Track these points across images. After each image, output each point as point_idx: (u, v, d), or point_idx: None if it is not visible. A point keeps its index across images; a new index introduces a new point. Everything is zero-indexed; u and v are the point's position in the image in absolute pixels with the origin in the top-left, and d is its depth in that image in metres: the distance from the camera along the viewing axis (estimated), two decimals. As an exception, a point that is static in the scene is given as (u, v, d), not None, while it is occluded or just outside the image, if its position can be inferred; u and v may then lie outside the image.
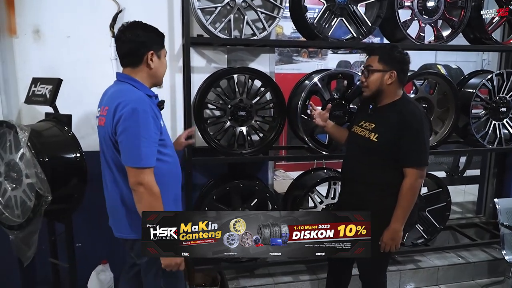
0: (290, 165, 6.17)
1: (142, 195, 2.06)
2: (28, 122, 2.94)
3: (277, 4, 3.09)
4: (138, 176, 2.05)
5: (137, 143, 2.04)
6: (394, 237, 2.58)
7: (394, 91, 2.60)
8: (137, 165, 2.05)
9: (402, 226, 2.57)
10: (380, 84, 2.57)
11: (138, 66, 2.21)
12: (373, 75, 2.58)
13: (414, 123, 2.51)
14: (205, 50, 3.39)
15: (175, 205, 2.31)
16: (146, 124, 2.05)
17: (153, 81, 2.29)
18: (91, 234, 3.31)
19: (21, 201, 2.51)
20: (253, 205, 3.31)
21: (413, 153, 2.52)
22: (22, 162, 2.42)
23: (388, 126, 2.55)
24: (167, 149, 2.24)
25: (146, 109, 2.06)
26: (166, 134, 2.28)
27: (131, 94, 2.12)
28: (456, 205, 5.17)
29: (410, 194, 2.54)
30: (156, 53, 2.22)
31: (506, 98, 3.68)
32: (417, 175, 2.53)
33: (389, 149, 2.54)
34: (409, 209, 2.56)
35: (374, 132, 2.60)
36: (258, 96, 3.23)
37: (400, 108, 2.57)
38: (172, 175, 2.30)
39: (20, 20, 3.06)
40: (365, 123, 2.69)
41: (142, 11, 3.20)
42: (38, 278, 3.36)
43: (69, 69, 3.13)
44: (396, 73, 2.54)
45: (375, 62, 2.58)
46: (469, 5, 3.43)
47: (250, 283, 3.54)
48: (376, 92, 2.61)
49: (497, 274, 3.97)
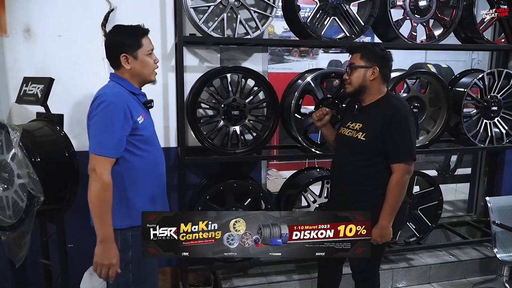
0: (283, 164, 6.18)
1: (92, 182, 2.09)
2: (20, 122, 2.92)
3: (270, 3, 3.09)
4: (93, 161, 2.09)
5: (100, 131, 2.11)
6: (383, 234, 2.57)
7: (378, 87, 2.62)
8: (95, 151, 2.10)
9: (390, 223, 2.56)
10: (363, 80, 2.59)
11: (119, 68, 2.28)
12: (356, 72, 2.61)
13: (400, 118, 2.52)
14: (198, 49, 3.38)
15: (151, 203, 2.31)
16: (114, 117, 2.10)
17: (138, 79, 2.32)
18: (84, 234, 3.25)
19: (13, 201, 2.49)
20: (247, 204, 3.31)
21: (400, 148, 2.53)
22: (13, 162, 2.40)
23: (374, 124, 2.56)
24: (146, 145, 2.26)
25: (117, 102, 2.12)
26: (148, 130, 2.31)
27: (110, 89, 2.21)
28: (448, 204, 5.21)
29: (397, 190, 2.53)
30: (131, 54, 2.24)
31: (497, 97, 3.71)
32: (404, 171, 2.53)
33: (377, 147, 2.55)
34: (397, 205, 2.56)
35: (361, 132, 2.61)
36: (251, 95, 3.23)
37: (385, 105, 2.59)
38: (147, 172, 2.29)
39: (11, 19, 3.04)
40: (351, 124, 2.70)
41: (134, 10, 3.18)
42: (30, 279, 3.33)
43: (60, 68, 3.11)
44: (379, 69, 2.57)
45: (358, 59, 2.61)
46: (460, 5, 3.45)
47: (244, 283, 3.53)
48: (359, 88, 2.62)
49: (489, 272, 3.99)
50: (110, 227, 2.12)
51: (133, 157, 2.20)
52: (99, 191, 2.08)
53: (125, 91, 2.23)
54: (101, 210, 2.09)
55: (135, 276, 2.31)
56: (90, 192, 2.09)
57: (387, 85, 2.69)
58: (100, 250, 2.12)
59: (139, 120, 2.21)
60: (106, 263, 2.12)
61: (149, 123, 2.35)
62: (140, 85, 2.33)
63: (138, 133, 2.21)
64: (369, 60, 2.58)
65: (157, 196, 2.38)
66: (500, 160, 4.38)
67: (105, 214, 2.10)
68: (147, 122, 2.31)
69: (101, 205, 2.09)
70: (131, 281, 2.31)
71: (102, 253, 2.12)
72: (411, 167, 2.57)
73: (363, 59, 2.59)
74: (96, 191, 2.08)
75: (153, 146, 2.34)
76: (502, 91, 3.72)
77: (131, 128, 2.17)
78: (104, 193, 2.09)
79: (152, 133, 2.36)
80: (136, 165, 2.22)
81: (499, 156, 4.39)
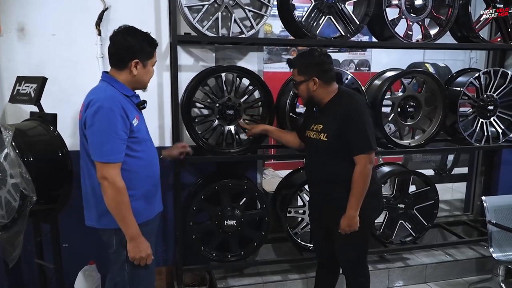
0: (280, 164, 6.17)
1: (106, 189, 2.13)
2: (13, 122, 2.91)
3: (265, 2, 3.08)
4: (102, 170, 2.13)
5: (102, 139, 2.12)
6: (350, 223, 2.66)
7: (325, 91, 2.71)
8: (101, 159, 2.13)
9: (357, 212, 2.64)
10: (308, 92, 2.71)
11: (122, 69, 2.27)
12: (300, 87, 2.73)
13: (354, 115, 2.62)
14: (192, 49, 3.37)
15: (146, 202, 2.35)
16: (111, 122, 2.12)
17: (135, 86, 2.35)
18: (78, 234, 3.26)
19: (5, 201, 2.49)
20: (242, 204, 3.30)
21: (359, 142, 2.61)
22: (6, 162, 2.40)
23: (333, 124, 2.65)
24: (140, 146, 2.29)
25: (113, 107, 2.13)
26: (142, 131, 2.33)
27: (103, 92, 2.20)
28: (444, 203, 5.20)
29: (361, 180, 2.61)
30: (142, 62, 2.27)
31: (494, 96, 3.69)
32: (366, 161, 2.61)
33: (339, 145, 2.64)
34: (362, 195, 2.63)
35: (323, 133, 2.70)
36: (246, 94, 3.22)
37: (339, 102, 2.70)
38: (145, 172, 2.34)
39: (5, 18, 3.02)
40: (314, 126, 2.79)
41: (128, 9, 3.17)
42: (24, 279, 3.32)
43: (54, 68, 3.10)
44: (318, 78, 2.65)
45: (296, 75, 2.74)
46: (456, 4, 3.44)
47: (239, 283, 3.52)
48: (309, 99, 2.74)
49: (485, 272, 3.98)
50: (134, 225, 2.21)
51: (128, 158, 2.22)
52: (117, 196, 2.14)
53: (118, 94, 2.23)
54: (123, 213, 2.17)
55: (131, 275, 2.33)
56: (107, 199, 2.15)
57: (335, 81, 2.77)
58: (132, 247, 2.23)
59: (134, 122, 2.23)
60: (143, 255, 2.26)
61: (143, 124, 2.38)
62: (133, 89, 2.35)
63: (133, 135, 2.23)
64: (306, 73, 2.68)
65: (152, 195, 2.42)
66: (496, 159, 4.37)
67: (127, 215, 2.18)
68: (141, 123, 2.33)
69: (122, 208, 2.16)
70: (127, 280, 2.34)
71: (135, 249, 2.23)
72: (372, 156, 2.65)
73: (301, 74, 2.70)
74: (114, 197, 2.14)
75: (147, 146, 2.37)
76: (498, 90, 3.70)
77: (128, 130, 2.19)
78: (121, 197, 2.16)
79: (145, 134, 2.38)
80: (131, 166, 2.25)
81: (496, 156, 4.38)
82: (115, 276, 2.38)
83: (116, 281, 2.37)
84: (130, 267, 2.31)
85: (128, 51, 2.23)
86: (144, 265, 2.30)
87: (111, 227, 2.24)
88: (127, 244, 2.22)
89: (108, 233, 2.29)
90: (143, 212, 2.32)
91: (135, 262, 2.27)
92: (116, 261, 2.34)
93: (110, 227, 2.25)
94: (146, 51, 2.28)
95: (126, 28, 2.28)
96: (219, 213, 3.25)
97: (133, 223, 2.19)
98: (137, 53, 2.24)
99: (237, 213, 3.27)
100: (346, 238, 2.71)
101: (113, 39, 2.26)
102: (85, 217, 2.37)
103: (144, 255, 2.26)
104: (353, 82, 3.34)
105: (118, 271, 2.34)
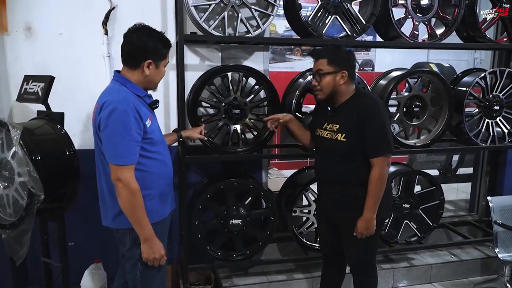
0: (284, 163, 6.17)
1: (121, 191, 2.14)
2: (20, 120, 2.91)
3: (271, 2, 3.08)
4: (117, 172, 2.13)
5: (116, 141, 2.12)
6: (368, 226, 2.64)
7: (347, 89, 2.66)
8: (116, 162, 2.13)
9: (374, 215, 2.63)
10: (333, 85, 2.63)
11: (135, 69, 2.26)
12: (326, 78, 2.63)
13: (374, 115, 2.58)
14: (198, 48, 3.37)
15: (161, 202, 2.36)
16: (125, 124, 2.11)
17: (146, 86, 2.34)
18: (84, 233, 3.28)
19: (13, 199, 2.50)
20: (247, 203, 3.30)
21: (378, 144, 2.58)
22: (14, 160, 2.40)
23: (351, 124, 2.61)
24: (155, 147, 2.29)
25: (127, 109, 2.12)
26: (156, 132, 2.33)
27: (116, 94, 2.18)
28: (449, 203, 5.20)
29: (379, 183, 2.60)
30: (155, 63, 2.27)
31: (500, 97, 3.69)
32: (384, 164, 2.59)
33: (358, 146, 2.60)
34: (379, 197, 2.62)
35: (340, 133, 2.65)
36: (252, 94, 3.21)
37: (358, 103, 2.64)
38: (160, 172, 2.34)
39: (12, 17, 3.03)
40: (328, 125, 2.73)
41: (135, 8, 3.18)
42: (31, 278, 3.34)
43: (61, 67, 3.11)
44: (347, 72, 2.61)
45: (325, 65, 2.63)
46: (462, 3, 3.43)
47: (244, 282, 3.53)
48: (331, 94, 2.66)
49: (490, 272, 3.98)
50: (148, 226, 2.21)
51: (143, 159, 2.23)
52: (131, 198, 2.15)
53: (131, 94, 2.22)
54: (137, 215, 2.17)
55: (143, 274, 2.34)
56: (122, 201, 2.15)
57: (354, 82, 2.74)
58: (146, 248, 2.24)
59: (147, 123, 2.23)
60: (157, 256, 2.27)
61: (156, 125, 2.37)
62: (145, 89, 2.34)
63: (147, 136, 2.23)
64: (337, 65, 2.61)
65: (166, 194, 2.43)
66: (502, 159, 4.36)
67: (142, 217, 2.18)
68: (154, 124, 2.33)
69: (136, 210, 2.16)
70: (139, 279, 2.35)
71: (149, 250, 2.24)
72: (390, 159, 2.64)
73: (331, 64, 2.62)
74: (128, 199, 2.15)
75: (160, 147, 2.37)
76: (504, 90, 3.69)
77: (142, 131, 2.19)
78: (136, 199, 2.16)
79: (159, 135, 2.38)
80: (147, 167, 2.26)
81: (501, 156, 4.36)
82: (127, 273, 2.39)
83: (128, 278, 2.39)
84: (143, 266, 2.32)
85: (142, 51, 2.21)
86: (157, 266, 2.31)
87: (125, 227, 2.25)
88: (141, 245, 2.23)
89: (122, 231, 2.29)
90: (158, 211, 2.33)
91: (149, 263, 2.28)
92: (129, 259, 2.34)
93: (124, 227, 2.26)
94: (160, 53, 2.27)
95: (141, 27, 2.26)
96: (225, 212, 3.25)
97: (147, 224, 2.20)
98: (151, 54, 2.23)
99: (242, 212, 3.27)
100: (357, 238, 2.68)
101: (128, 38, 2.24)
102: (102, 218, 2.38)
103: (158, 256, 2.27)
104: (359, 82, 3.33)
105: (130, 268, 2.35)
